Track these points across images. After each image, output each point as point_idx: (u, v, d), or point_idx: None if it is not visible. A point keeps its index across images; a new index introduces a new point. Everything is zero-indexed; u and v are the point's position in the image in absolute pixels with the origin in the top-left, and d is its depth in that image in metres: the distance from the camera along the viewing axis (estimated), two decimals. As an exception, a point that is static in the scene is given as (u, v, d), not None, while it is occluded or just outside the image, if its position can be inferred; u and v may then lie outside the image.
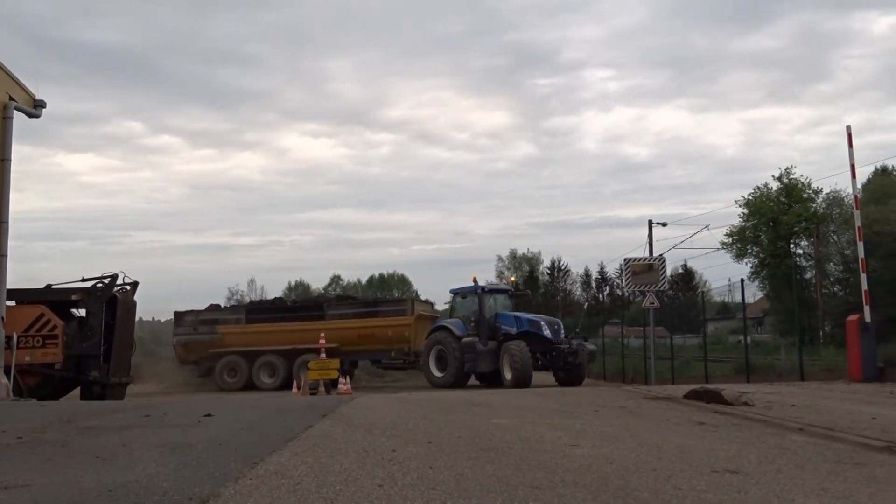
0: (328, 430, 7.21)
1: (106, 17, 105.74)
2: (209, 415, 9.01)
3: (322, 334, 28.65)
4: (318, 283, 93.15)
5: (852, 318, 13.70)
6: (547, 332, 21.91)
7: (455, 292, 24.80)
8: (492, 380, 22.41)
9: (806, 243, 31.85)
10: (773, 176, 33.81)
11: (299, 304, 32.34)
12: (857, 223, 14.54)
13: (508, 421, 7.93)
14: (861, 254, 14.26)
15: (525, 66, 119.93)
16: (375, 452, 5.81)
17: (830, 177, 33.74)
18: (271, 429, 7.67)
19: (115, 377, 18.00)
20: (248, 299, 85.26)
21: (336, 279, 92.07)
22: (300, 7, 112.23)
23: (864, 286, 13.83)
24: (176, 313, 32.79)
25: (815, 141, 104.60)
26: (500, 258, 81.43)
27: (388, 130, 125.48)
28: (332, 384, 23.77)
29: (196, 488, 4.49)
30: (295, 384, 25.03)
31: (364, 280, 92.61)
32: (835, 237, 28.77)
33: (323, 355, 26.36)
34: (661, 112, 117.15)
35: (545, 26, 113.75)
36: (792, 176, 33.00)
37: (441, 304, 39.44)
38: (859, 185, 28.10)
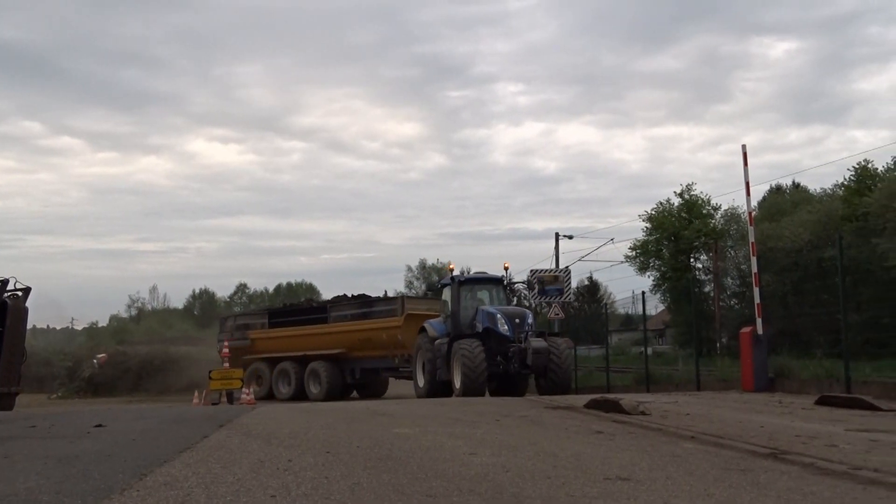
0: (224, 441, 7.06)
1: (5, 11, 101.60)
2: (100, 425, 8.71)
3: (225, 343, 28.03)
4: (223, 291, 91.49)
5: (745, 330, 14.21)
6: (504, 328, 17.96)
7: (442, 285, 21.22)
8: (508, 387, 18.64)
9: (705, 258, 32.96)
10: (674, 192, 34.90)
11: (307, 307, 30.16)
12: (751, 239, 15.13)
13: (410, 430, 7.91)
14: (754, 268, 14.83)
15: (437, 78, 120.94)
16: (271, 462, 5.71)
17: (728, 194, 35.22)
18: (164, 439, 7.47)
19: (2, 387, 17.17)
20: (149, 307, 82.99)
21: (242, 287, 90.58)
22: (210, 10, 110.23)
23: (757, 299, 14.37)
24: (220, 319, 32.08)
25: (716, 159, 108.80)
26: (409, 268, 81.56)
27: (298, 138, 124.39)
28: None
29: (79, 501, 4.32)
30: (196, 393, 24.45)
31: (271, 288, 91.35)
32: (732, 252, 29.87)
33: (226, 364, 25.83)
34: (569, 127, 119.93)
35: (458, 39, 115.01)
36: (693, 192, 34.12)
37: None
38: (755, 203, 29.32)
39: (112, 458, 6.05)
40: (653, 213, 34.37)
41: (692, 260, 33.59)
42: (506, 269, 20.96)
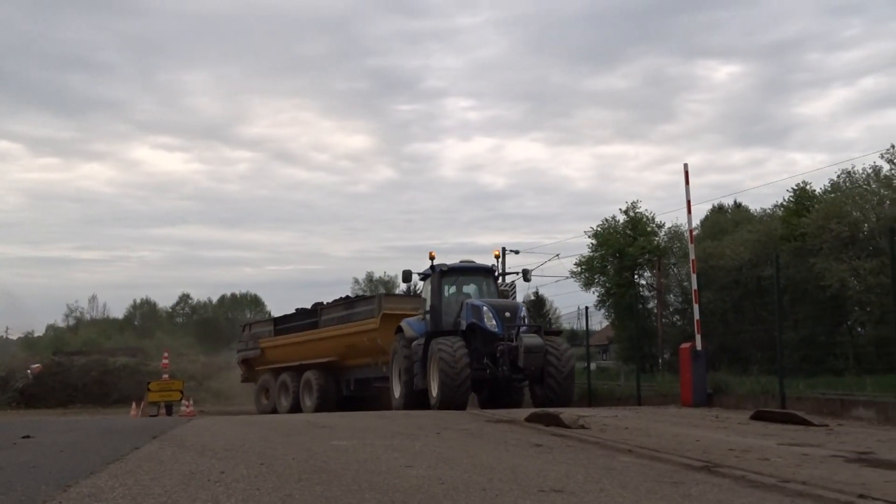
0: (155, 452, 6.91)
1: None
2: (28, 436, 8.48)
3: (165, 354, 27.53)
4: (165, 301, 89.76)
5: (685, 346, 14.42)
6: (492, 324, 15.04)
7: (422, 276, 17.88)
8: (500, 397, 15.94)
9: (649, 274, 33.42)
10: (620, 209, 35.40)
11: (301, 312, 26.38)
12: (692, 256, 15.39)
13: (347, 443, 7.84)
14: (694, 285, 15.08)
15: (387, 92, 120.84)
16: (202, 474, 5.60)
17: (672, 212, 35.73)
18: (94, 451, 7.28)
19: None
20: (88, 317, 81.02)
21: (185, 298, 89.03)
22: (157, 17, 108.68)
23: (697, 316, 14.61)
24: (240, 326, 29.72)
25: (660, 178, 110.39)
26: (356, 280, 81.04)
27: (246, 148, 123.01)
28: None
29: (-4, 513, 4.18)
30: (134, 405, 23.96)
31: (215, 299, 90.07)
32: (675, 269, 30.36)
33: (165, 376, 25.38)
34: (518, 143, 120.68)
35: (409, 53, 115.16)
36: (637, 210, 34.63)
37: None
38: (698, 222, 29.87)
39: (37, 470, 5.89)
40: (598, 229, 34.77)
41: (636, 276, 34.03)
42: (497, 257, 18.38)
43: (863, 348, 16.42)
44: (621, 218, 34.82)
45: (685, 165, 15.06)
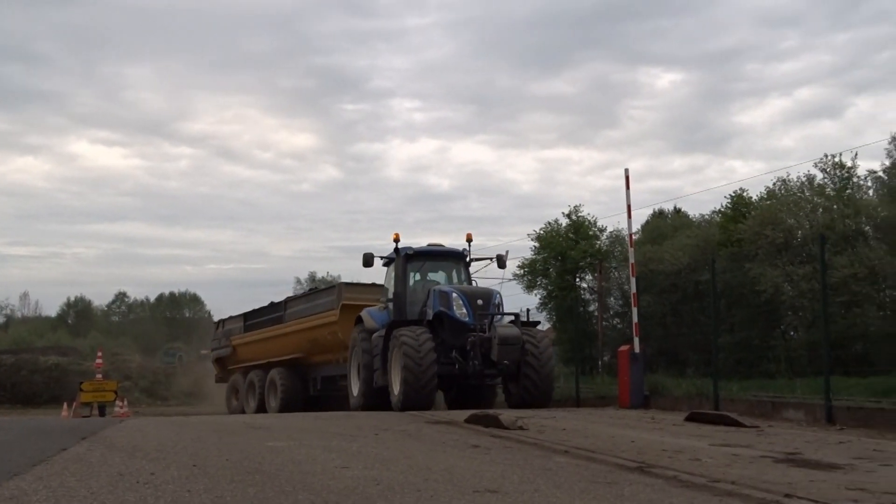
0: (84, 454, 6.75)
1: None
2: (-51, 437, 8.20)
3: (99, 353, 26.89)
4: (101, 299, 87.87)
5: (623, 348, 14.61)
6: (462, 313, 13.71)
7: (385, 261, 16.17)
8: (470, 397, 14.64)
9: (590, 278, 33.77)
10: (563, 213, 35.73)
11: (272, 306, 24.16)
12: (631, 260, 15.61)
13: (284, 443, 7.77)
14: (633, 289, 15.31)
15: (333, 91, 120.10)
16: (132, 476, 5.49)
17: (614, 216, 36.30)
18: (18, 452, 7.08)
19: None
20: (19, 315, 78.77)
21: (121, 296, 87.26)
22: (98, 8, 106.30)
23: (635, 319, 14.82)
24: (214, 323, 27.93)
25: (603, 182, 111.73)
26: (298, 280, 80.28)
27: (187, 144, 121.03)
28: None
29: None
30: (65, 405, 23.38)
31: (153, 298, 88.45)
32: (616, 273, 30.74)
33: (99, 376, 24.80)
34: (463, 145, 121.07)
35: (355, 53, 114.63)
36: (580, 214, 34.98)
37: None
38: (639, 226, 30.32)
39: (-43, 472, 5.69)
40: (541, 232, 35.02)
41: (578, 279, 34.34)
42: (469, 241, 16.15)
43: (794, 352, 16.85)
44: (564, 221, 35.18)
45: (626, 171, 15.30)
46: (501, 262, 16.99)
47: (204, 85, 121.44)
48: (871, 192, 19.33)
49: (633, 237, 16.22)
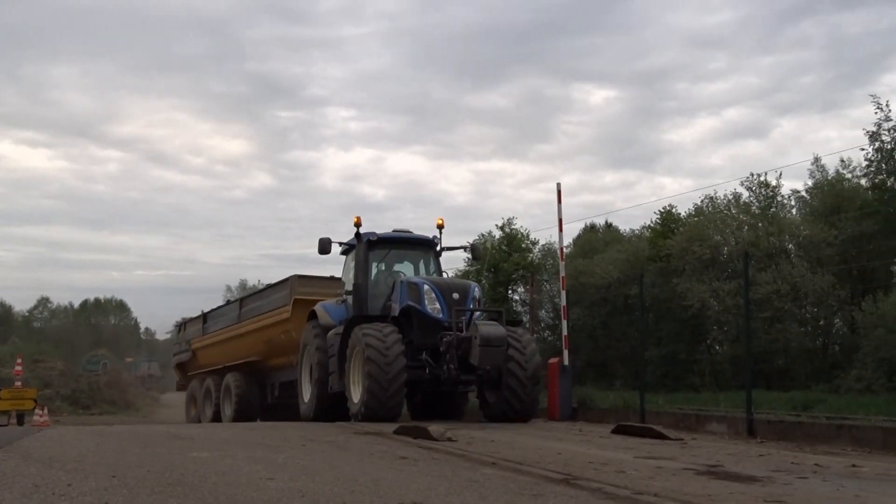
0: (-3, 464, 6.52)
1: None
2: None
3: (18, 360, 25.94)
4: (22, 304, 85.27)
5: (553, 360, 14.76)
6: (434, 308, 12.02)
7: (344, 248, 14.26)
8: (438, 405, 13.56)
9: (522, 290, 34.05)
10: (496, 225, 36.00)
11: (229, 304, 22.39)
12: (562, 273, 15.81)
13: (208, 454, 7.62)
14: (563, 301, 15.50)
15: (268, 97, 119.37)
16: (47, 487, 5.32)
17: (546, 229, 36.54)
18: (-73, 462, 6.79)
19: None
20: (-67, 319, 75.63)
21: (44, 301, 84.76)
22: (22, 4, 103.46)
23: (565, 332, 15.01)
24: (175, 325, 25.35)
25: (536, 196, 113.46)
26: (229, 288, 79.12)
27: (116, 147, 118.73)
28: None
29: None
30: (-20, 415, 22.52)
31: (77, 304, 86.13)
32: (547, 286, 31.07)
33: (18, 383, 23.95)
34: (399, 156, 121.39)
35: (290, 60, 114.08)
36: (513, 226, 35.31)
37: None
38: (571, 240, 30.68)
39: None
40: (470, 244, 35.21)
41: (510, 291, 34.60)
42: (440, 227, 14.28)
43: (719, 365, 17.23)
44: (497, 234, 35.47)
45: (558, 185, 15.55)
46: (476, 252, 16.09)
47: (133, 87, 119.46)
48: (794, 211, 19.86)
49: (565, 250, 16.44)
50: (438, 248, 14.26)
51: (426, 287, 12.16)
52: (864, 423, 10.11)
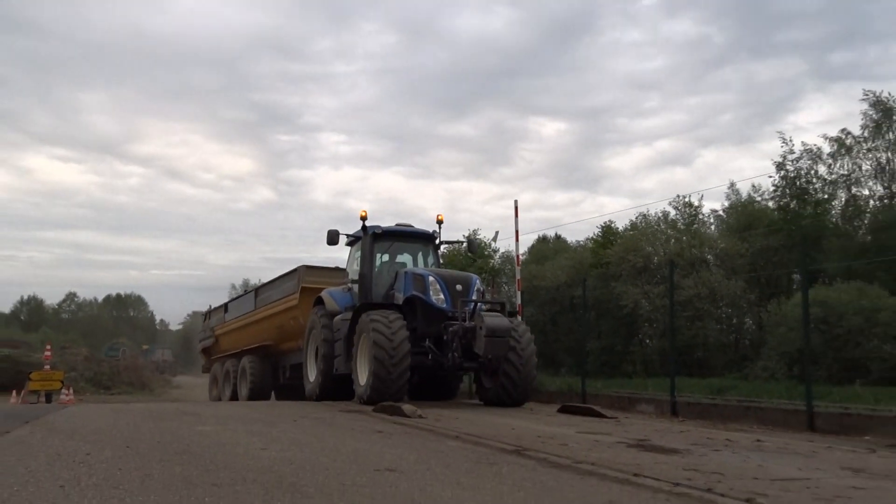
0: (25, 436, 6.38)
1: None
2: None
3: (48, 346, 25.43)
4: (52, 298, 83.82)
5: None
6: (438, 298, 11.19)
7: (350, 239, 13.46)
8: (433, 387, 12.89)
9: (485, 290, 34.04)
10: (463, 235, 36.04)
11: (249, 292, 20.93)
12: (518, 277, 15.86)
13: (212, 428, 7.51)
14: (519, 301, 15.53)
15: (270, 123, 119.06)
16: (68, 456, 5.21)
17: (505, 240, 36.64)
18: (-37, 433, 6.63)
19: None
20: (-26, 310, 74.03)
21: (71, 296, 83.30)
22: (56, 39, 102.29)
23: (521, 326, 14.99)
24: (204, 313, 23.86)
25: (498, 211, 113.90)
26: (233, 286, 78.19)
27: (137, 163, 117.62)
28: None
29: None
30: (14, 393, 22.04)
31: (100, 298, 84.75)
32: (506, 287, 31.10)
33: (47, 367, 23.47)
34: (382, 175, 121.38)
35: (289, 91, 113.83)
36: (478, 236, 35.33)
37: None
38: (526, 249, 30.73)
39: None
40: (445, 251, 35.18)
41: (475, 292, 34.59)
42: (439, 222, 13.44)
43: (649, 356, 17.33)
44: (465, 243, 35.45)
45: (515, 202, 15.62)
46: (472, 246, 14.50)
47: (154, 112, 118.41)
48: (712, 227, 20.11)
49: (520, 258, 16.46)
50: (438, 241, 13.40)
51: (431, 278, 11.31)
52: (767, 405, 10.22)
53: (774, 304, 14.34)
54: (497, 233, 16.91)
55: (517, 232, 15.31)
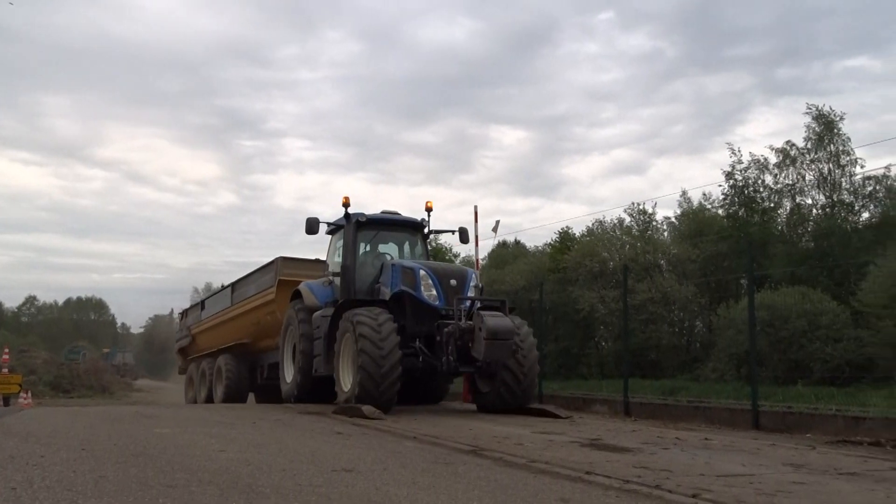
0: (-22, 438, 6.18)
1: None
2: None
3: (6, 349, 24.65)
4: (12, 302, 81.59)
5: (469, 353, 14.69)
6: (430, 294, 9.88)
7: (331, 228, 12.10)
8: (418, 390, 11.29)
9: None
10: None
11: (224, 288, 19.08)
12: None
13: (170, 430, 7.38)
14: (478, 305, 15.50)
15: (234, 128, 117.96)
16: (22, 458, 5.07)
17: (466, 245, 36.70)
18: (-87, 437, 6.40)
19: None
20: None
21: (31, 299, 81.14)
22: (20, 43, 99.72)
23: (480, 329, 15.00)
24: (180, 313, 22.23)
25: (459, 217, 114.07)
26: (196, 289, 76.83)
27: (100, 167, 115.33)
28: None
29: None
30: (-30, 396, 21.34)
31: (61, 301, 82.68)
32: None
33: (5, 370, 22.78)
34: (345, 180, 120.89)
35: (254, 97, 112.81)
36: (439, 241, 35.30)
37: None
38: (486, 253, 30.83)
39: None
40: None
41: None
42: (428, 210, 12.01)
43: (604, 358, 17.48)
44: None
45: (475, 207, 15.66)
46: (464, 236, 12.46)
47: (117, 116, 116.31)
48: (665, 233, 20.39)
49: (480, 262, 16.50)
50: (426, 230, 12.03)
51: (422, 272, 9.96)
52: (715, 405, 10.39)
53: (724, 307, 14.58)
54: (498, 222, 16.85)
55: (477, 237, 15.37)
